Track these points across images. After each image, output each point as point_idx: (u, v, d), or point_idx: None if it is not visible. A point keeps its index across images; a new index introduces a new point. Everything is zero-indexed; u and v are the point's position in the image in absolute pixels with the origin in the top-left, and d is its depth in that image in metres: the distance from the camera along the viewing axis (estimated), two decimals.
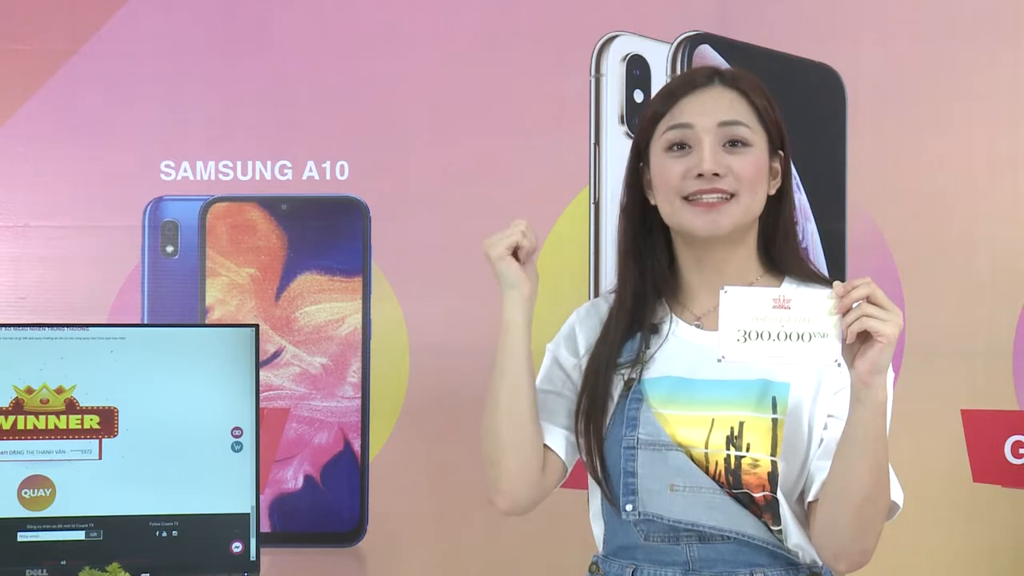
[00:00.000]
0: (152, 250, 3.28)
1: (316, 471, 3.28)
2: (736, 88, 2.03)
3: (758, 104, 2.02)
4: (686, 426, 1.96)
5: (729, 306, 1.86)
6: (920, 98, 3.28)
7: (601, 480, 2.03)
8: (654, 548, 1.98)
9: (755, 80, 2.08)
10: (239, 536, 2.56)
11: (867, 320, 1.80)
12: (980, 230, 3.27)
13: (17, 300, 3.26)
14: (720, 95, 2.03)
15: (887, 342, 1.80)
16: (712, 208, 1.98)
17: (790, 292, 1.84)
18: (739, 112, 2.01)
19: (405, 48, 3.29)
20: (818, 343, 1.82)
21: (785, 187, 2.04)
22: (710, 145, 1.98)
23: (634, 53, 3.30)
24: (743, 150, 1.98)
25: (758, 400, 1.93)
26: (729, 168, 1.98)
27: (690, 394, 1.98)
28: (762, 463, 1.91)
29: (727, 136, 1.99)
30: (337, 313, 3.28)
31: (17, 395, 2.54)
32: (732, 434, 1.92)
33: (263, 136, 3.29)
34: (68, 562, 2.52)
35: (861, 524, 1.86)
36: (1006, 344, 3.25)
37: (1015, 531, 3.25)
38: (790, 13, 3.30)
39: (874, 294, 1.80)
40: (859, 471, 1.84)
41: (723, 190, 1.97)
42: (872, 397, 1.83)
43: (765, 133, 2.01)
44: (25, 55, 3.27)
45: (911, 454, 3.26)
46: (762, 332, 1.84)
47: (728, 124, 1.99)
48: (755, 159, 1.99)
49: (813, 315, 1.83)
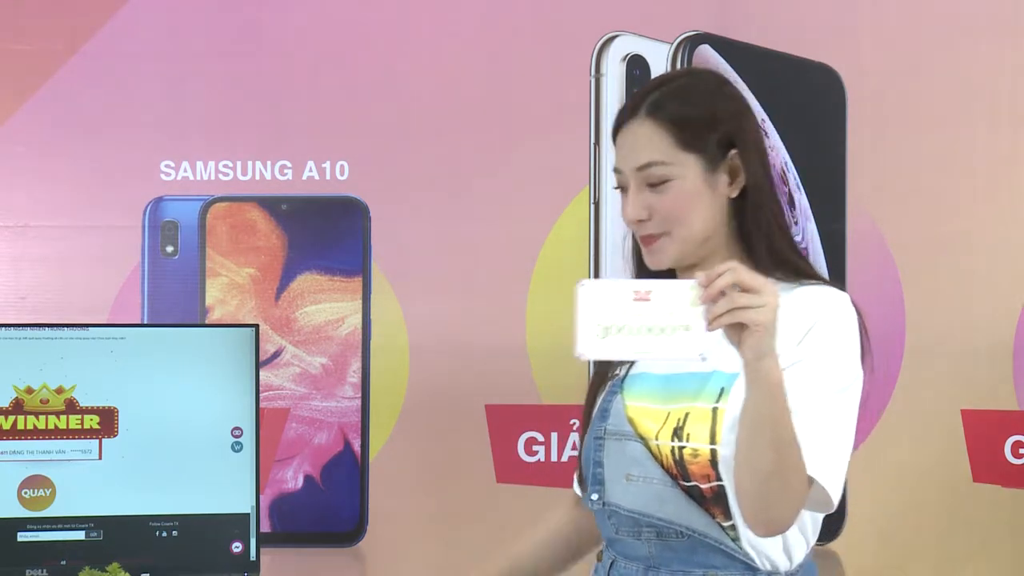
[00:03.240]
0: (152, 250, 3.28)
1: (316, 471, 3.28)
2: (654, 116, 1.98)
3: (680, 127, 1.97)
4: (647, 418, 1.97)
5: (586, 300, 1.79)
6: (920, 98, 3.28)
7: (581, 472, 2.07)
8: (623, 542, 2.01)
9: (685, 89, 2.01)
10: (239, 536, 2.56)
11: (737, 312, 1.73)
12: (980, 230, 3.27)
13: (17, 300, 3.26)
14: (638, 131, 2.00)
15: (762, 329, 1.74)
16: (651, 246, 1.99)
17: (650, 284, 1.77)
18: (654, 148, 1.97)
19: (405, 48, 3.29)
20: (681, 336, 1.75)
21: (750, 184, 1.98)
22: (633, 191, 1.98)
23: (634, 53, 3.30)
24: (664, 187, 1.96)
25: (706, 391, 1.93)
26: (652, 209, 1.97)
27: (657, 388, 1.99)
28: (701, 452, 1.91)
29: (645, 179, 1.97)
30: (337, 313, 3.28)
31: (17, 395, 2.54)
32: (678, 425, 1.93)
33: (263, 136, 3.29)
34: (68, 562, 2.52)
35: (770, 496, 1.82)
36: (1006, 344, 3.25)
37: (1015, 531, 3.25)
38: (790, 13, 3.30)
39: (740, 280, 1.73)
40: (760, 448, 1.79)
41: (651, 234, 1.98)
42: (763, 379, 1.76)
43: (694, 153, 1.97)
44: (25, 55, 3.27)
45: (911, 454, 3.27)
46: (622, 326, 1.77)
47: (644, 168, 1.97)
48: (677, 193, 1.96)
49: (676, 307, 1.75)
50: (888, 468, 3.26)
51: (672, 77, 2.08)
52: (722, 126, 1.97)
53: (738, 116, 2.00)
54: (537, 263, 3.25)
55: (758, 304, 1.73)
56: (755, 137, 2.01)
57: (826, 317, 1.90)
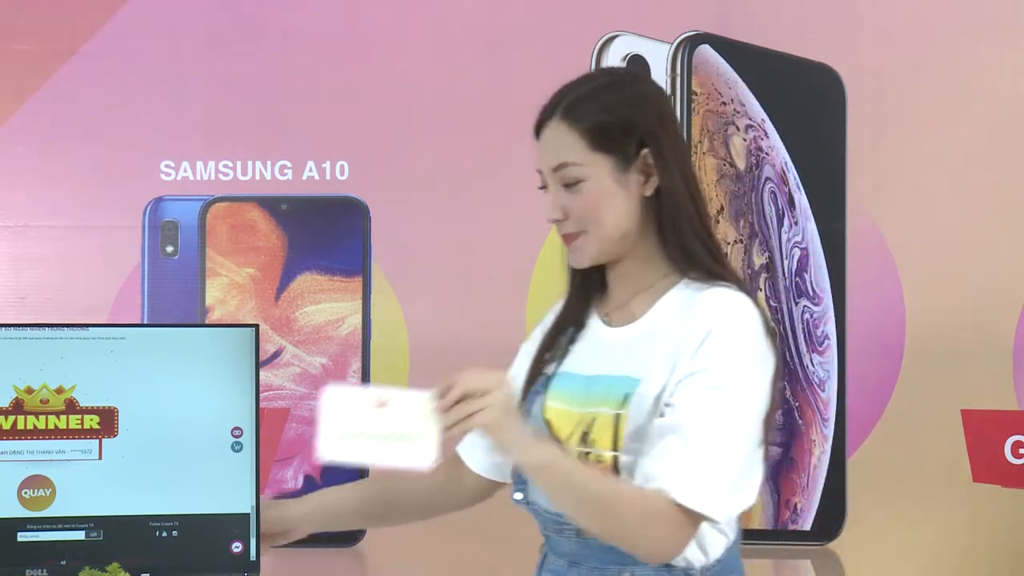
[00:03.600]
0: (152, 250, 3.28)
1: (316, 471, 3.28)
2: (568, 118, 2.02)
3: (592, 128, 1.99)
4: (562, 421, 2.00)
5: (329, 406, 1.93)
6: (920, 98, 3.28)
7: None
8: (550, 538, 2.05)
9: (598, 92, 2.04)
10: (239, 536, 2.55)
11: (467, 420, 1.85)
12: (980, 230, 3.27)
13: (17, 300, 3.26)
14: (552, 133, 2.03)
15: (492, 429, 1.85)
16: (570, 244, 2.04)
17: (388, 394, 1.88)
18: (567, 150, 2.00)
19: (405, 48, 3.29)
20: (416, 444, 1.87)
21: (664, 183, 1.99)
22: (552, 192, 2.03)
23: (634, 53, 3.30)
24: (577, 188, 2.00)
25: (612, 397, 1.96)
26: (567, 210, 2.01)
27: (575, 389, 2.02)
28: (604, 458, 1.94)
29: (561, 180, 2.01)
30: (337, 313, 3.28)
31: (17, 395, 2.54)
32: (585, 430, 1.97)
33: (263, 136, 3.29)
34: (68, 562, 2.52)
35: (624, 541, 1.90)
36: (1006, 344, 3.25)
37: (1015, 531, 3.25)
38: (790, 13, 3.30)
39: (468, 390, 1.85)
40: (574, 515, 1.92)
41: (569, 233, 2.02)
42: (527, 466, 1.89)
43: (606, 153, 1.99)
44: (25, 55, 3.28)
45: (911, 454, 3.27)
46: (361, 432, 1.89)
47: (558, 169, 2.01)
48: (590, 193, 1.99)
49: (412, 416, 1.87)
50: (888, 468, 3.26)
51: (589, 78, 2.10)
52: (635, 127, 1.99)
53: (653, 116, 2.01)
54: (537, 263, 3.25)
55: (483, 406, 1.84)
56: (670, 136, 2.02)
57: (722, 324, 1.91)
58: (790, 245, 3.32)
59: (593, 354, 2.04)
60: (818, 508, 3.31)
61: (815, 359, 3.32)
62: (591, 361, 2.02)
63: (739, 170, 3.32)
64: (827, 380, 3.31)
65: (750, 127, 3.33)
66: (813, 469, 3.31)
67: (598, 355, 2.02)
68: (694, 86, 3.31)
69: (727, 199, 3.32)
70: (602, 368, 1.99)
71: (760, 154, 3.33)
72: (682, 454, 1.86)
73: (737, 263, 3.31)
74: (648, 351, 1.94)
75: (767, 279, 3.32)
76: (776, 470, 3.31)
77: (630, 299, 2.03)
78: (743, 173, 3.33)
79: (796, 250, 3.32)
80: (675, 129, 2.04)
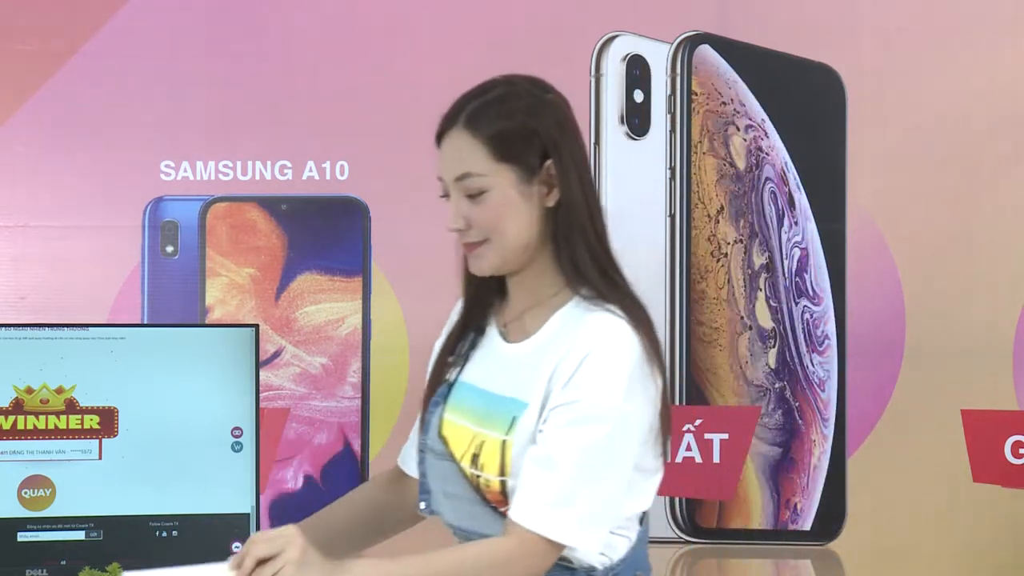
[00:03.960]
0: (152, 250, 3.28)
1: (316, 471, 3.28)
2: (471, 128, 2.00)
3: (495, 139, 1.98)
4: (458, 438, 2.01)
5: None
6: (920, 98, 3.28)
7: None
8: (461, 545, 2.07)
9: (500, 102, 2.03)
10: (239, 536, 2.55)
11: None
12: (980, 230, 3.27)
13: (17, 300, 3.26)
14: (454, 143, 2.02)
15: None
16: (471, 252, 2.02)
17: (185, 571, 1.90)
18: (470, 160, 1.99)
19: (405, 48, 3.29)
20: None
21: (563, 196, 1.98)
22: (454, 201, 2.01)
23: (634, 53, 3.30)
24: (480, 198, 1.98)
25: (501, 420, 1.96)
26: (470, 219, 1.99)
27: (473, 404, 2.03)
28: (493, 483, 1.95)
29: (464, 190, 2.00)
30: (337, 313, 3.28)
31: (17, 395, 2.54)
32: (476, 452, 1.98)
33: (263, 136, 3.29)
34: (68, 562, 2.52)
35: None
36: (1006, 344, 3.25)
37: (1015, 531, 3.25)
38: (790, 13, 3.30)
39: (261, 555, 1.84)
40: None
41: (471, 242, 2.01)
42: None
43: (509, 164, 1.97)
44: (25, 55, 3.27)
45: (911, 454, 3.27)
46: None
47: (461, 178, 2.00)
48: (493, 203, 1.98)
49: None
50: (888, 468, 3.26)
51: (491, 86, 2.07)
52: (537, 137, 1.98)
53: (555, 126, 2.00)
54: None
55: (279, 567, 1.84)
56: (571, 146, 2.01)
57: (594, 355, 1.91)
58: (790, 245, 3.32)
59: (489, 367, 2.04)
60: (818, 508, 3.31)
61: (815, 359, 3.32)
62: (487, 375, 2.03)
63: (739, 170, 3.33)
64: (827, 380, 3.31)
65: (750, 127, 3.33)
66: (813, 469, 3.31)
67: (494, 369, 2.03)
68: (694, 86, 3.31)
69: (727, 199, 3.32)
70: (496, 385, 2.00)
71: (760, 154, 3.33)
72: (543, 485, 1.88)
73: (737, 263, 3.31)
74: (532, 374, 1.95)
75: (767, 279, 3.32)
76: (776, 470, 3.31)
77: (525, 312, 2.02)
78: (743, 173, 3.33)
79: (796, 250, 3.32)
80: (576, 138, 2.03)
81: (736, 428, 3.30)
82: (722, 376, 3.32)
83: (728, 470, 3.30)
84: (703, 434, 3.29)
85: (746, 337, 3.32)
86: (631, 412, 1.91)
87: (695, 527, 3.31)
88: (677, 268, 3.30)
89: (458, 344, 2.11)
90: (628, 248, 3.21)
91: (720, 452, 3.29)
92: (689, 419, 3.29)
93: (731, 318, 3.32)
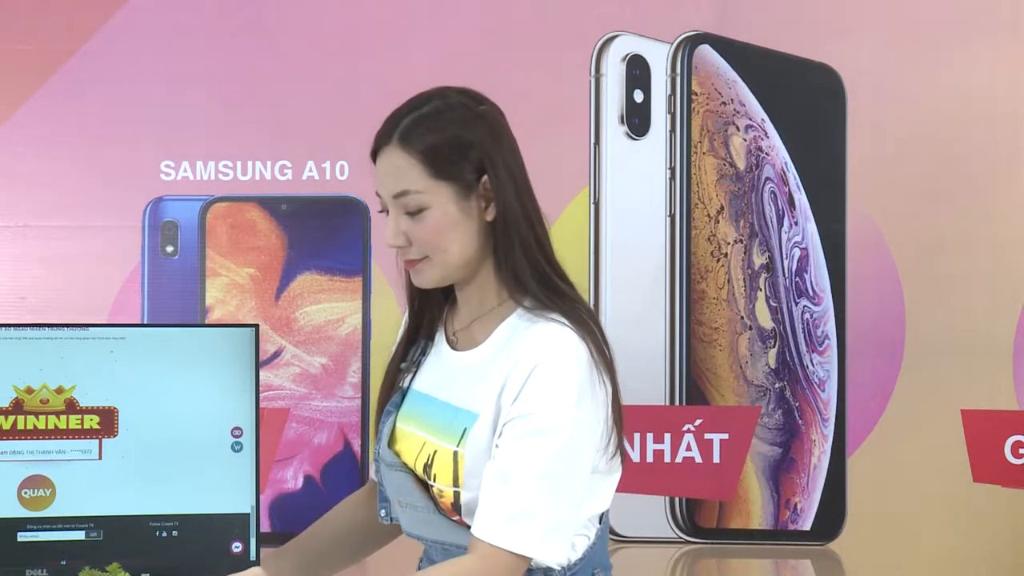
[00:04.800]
0: (152, 250, 3.28)
1: (316, 471, 3.28)
2: (407, 145, 2.00)
3: (431, 156, 1.97)
4: (410, 447, 2.03)
5: None
6: (920, 98, 3.28)
7: None
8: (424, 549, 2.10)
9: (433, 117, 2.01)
10: (239, 536, 2.55)
11: None
12: (980, 230, 3.27)
13: (17, 300, 3.26)
14: (391, 159, 2.01)
15: None
16: (413, 268, 2.02)
17: None
18: (407, 177, 1.98)
19: (405, 48, 3.29)
20: None
21: (500, 211, 1.97)
22: (392, 218, 2.00)
23: (634, 53, 3.30)
24: (420, 216, 1.98)
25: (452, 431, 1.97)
26: (410, 236, 1.99)
27: (419, 412, 2.04)
28: (446, 493, 1.97)
29: (402, 207, 1.99)
30: (337, 313, 3.28)
31: (17, 395, 2.54)
32: (427, 462, 1.99)
33: (263, 136, 3.29)
34: (68, 562, 2.52)
35: None
36: (1006, 344, 3.25)
37: (1015, 531, 3.25)
38: (790, 13, 3.30)
39: None
40: None
41: (411, 259, 2.00)
42: None
43: (447, 181, 1.97)
44: (25, 55, 3.28)
45: (911, 454, 3.27)
46: None
47: (399, 196, 1.99)
48: (433, 220, 1.97)
49: None
50: (888, 468, 3.26)
51: (423, 101, 2.06)
52: (473, 151, 1.98)
53: (489, 139, 2.00)
54: None
55: None
56: (506, 157, 2.00)
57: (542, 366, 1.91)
58: (790, 245, 3.32)
59: (439, 376, 2.04)
60: (818, 508, 3.31)
61: (815, 359, 3.32)
62: (437, 384, 2.03)
63: (739, 170, 3.33)
64: (827, 380, 3.31)
65: (750, 127, 3.33)
66: (813, 469, 3.31)
67: (443, 378, 2.03)
68: (694, 86, 3.31)
69: (727, 199, 3.32)
70: (446, 394, 2.00)
71: (760, 154, 3.33)
72: (503, 500, 1.88)
73: (737, 263, 3.31)
74: (483, 385, 1.95)
75: (767, 279, 3.32)
76: (776, 470, 3.31)
77: (472, 321, 2.03)
78: (743, 173, 3.33)
79: (796, 250, 3.32)
80: (512, 148, 2.02)
81: (736, 428, 3.30)
82: (722, 376, 3.32)
83: (728, 470, 3.30)
84: (703, 434, 3.29)
85: (746, 337, 3.32)
86: (584, 419, 1.91)
87: (695, 527, 3.31)
88: (677, 268, 3.30)
89: (408, 351, 2.11)
90: (628, 248, 3.21)
91: (720, 452, 3.30)
92: (689, 419, 3.29)
93: (731, 318, 3.32)
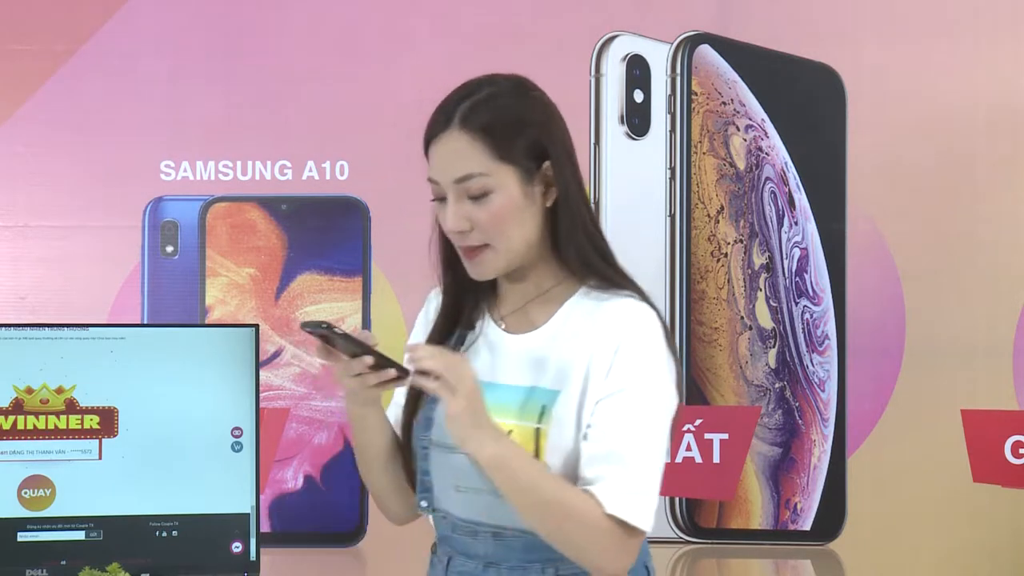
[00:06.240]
0: (152, 250, 3.28)
1: (316, 471, 3.28)
2: (469, 128, 1.97)
3: (495, 138, 1.96)
4: None
5: None
6: (920, 98, 3.28)
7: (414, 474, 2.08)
8: (460, 540, 2.02)
9: (493, 101, 2.00)
10: (239, 536, 2.56)
11: None
12: (980, 230, 3.27)
13: (17, 300, 3.26)
14: (452, 143, 1.98)
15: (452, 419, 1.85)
16: (473, 258, 1.99)
17: None
18: (472, 160, 1.95)
19: (405, 48, 3.29)
20: None
21: (562, 194, 1.97)
22: (452, 203, 1.97)
23: (634, 53, 3.30)
24: (484, 200, 1.95)
25: (528, 409, 1.95)
26: (472, 221, 1.96)
27: None
28: None
29: (465, 192, 1.96)
30: (337, 313, 3.28)
31: (17, 395, 2.54)
32: None
33: (263, 136, 3.29)
34: (68, 562, 2.52)
35: (563, 547, 1.90)
36: (1006, 344, 3.25)
37: (1015, 531, 3.25)
38: (790, 13, 3.30)
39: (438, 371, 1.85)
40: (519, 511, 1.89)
41: (472, 246, 1.98)
42: (475, 456, 1.87)
43: (511, 164, 1.95)
44: (25, 55, 3.28)
45: (911, 454, 3.27)
46: None
47: (462, 180, 1.96)
48: (499, 204, 1.95)
49: None
50: (888, 468, 3.26)
51: (475, 87, 2.04)
52: (532, 133, 1.97)
53: (547, 122, 1.99)
54: None
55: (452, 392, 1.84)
56: (564, 144, 2.00)
57: (629, 341, 1.91)
58: (790, 245, 3.32)
59: (494, 360, 2.01)
60: (818, 508, 3.31)
61: (815, 359, 3.32)
62: (495, 368, 2.00)
63: (739, 170, 3.33)
64: (827, 380, 3.31)
65: (750, 127, 3.33)
66: (813, 469, 3.31)
67: (500, 362, 2.00)
68: (694, 86, 3.31)
69: (727, 199, 3.32)
70: (508, 377, 1.97)
71: (760, 154, 3.33)
72: (621, 478, 1.87)
73: (737, 263, 3.31)
74: (558, 363, 1.93)
75: (767, 279, 3.32)
76: (776, 470, 3.31)
77: (525, 304, 2.01)
78: (743, 173, 3.33)
79: (796, 250, 3.32)
80: (565, 133, 2.02)
81: (736, 428, 3.30)
82: (722, 376, 3.32)
83: (728, 470, 3.30)
84: (703, 434, 3.29)
85: (746, 337, 3.32)
86: (669, 391, 1.93)
87: (695, 527, 3.31)
88: (677, 268, 3.30)
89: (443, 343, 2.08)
90: (628, 248, 3.22)
91: (720, 452, 3.29)
92: (689, 419, 3.29)
93: (731, 318, 3.32)
